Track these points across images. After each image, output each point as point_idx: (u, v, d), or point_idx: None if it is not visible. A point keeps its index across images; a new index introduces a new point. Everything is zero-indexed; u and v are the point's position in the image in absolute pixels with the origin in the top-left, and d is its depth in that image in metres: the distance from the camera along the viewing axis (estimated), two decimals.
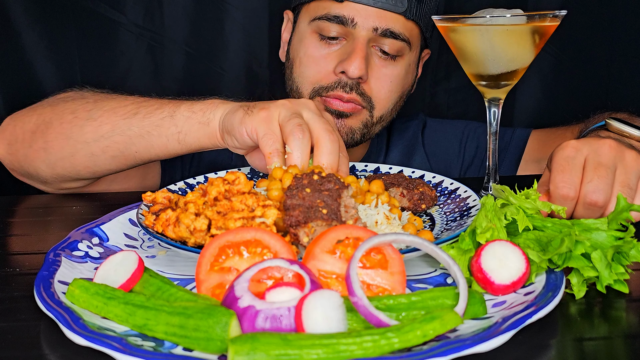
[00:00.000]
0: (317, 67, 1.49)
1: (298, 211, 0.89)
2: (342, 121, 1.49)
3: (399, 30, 1.45)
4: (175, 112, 1.22)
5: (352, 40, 1.46)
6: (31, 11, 1.79)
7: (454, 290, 0.79)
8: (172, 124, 1.22)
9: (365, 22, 1.44)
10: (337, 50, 1.48)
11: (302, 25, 1.54)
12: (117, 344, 0.70)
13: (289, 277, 0.78)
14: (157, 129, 1.23)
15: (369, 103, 1.49)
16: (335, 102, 1.47)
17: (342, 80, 1.46)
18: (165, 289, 0.83)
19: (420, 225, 1.06)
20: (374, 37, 1.45)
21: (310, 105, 1.10)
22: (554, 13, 1.08)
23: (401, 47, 1.48)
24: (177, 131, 1.22)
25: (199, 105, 1.21)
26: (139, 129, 1.25)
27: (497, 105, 1.17)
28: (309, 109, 1.09)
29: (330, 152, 1.03)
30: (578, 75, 1.96)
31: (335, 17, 1.45)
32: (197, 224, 0.91)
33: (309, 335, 0.69)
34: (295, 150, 1.03)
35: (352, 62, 1.42)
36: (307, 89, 1.51)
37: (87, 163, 1.32)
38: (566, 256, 0.87)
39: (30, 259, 1.03)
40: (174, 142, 1.23)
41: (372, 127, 1.53)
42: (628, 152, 1.03)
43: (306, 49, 1.51)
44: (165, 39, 1.89)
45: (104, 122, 1.28)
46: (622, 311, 0.84)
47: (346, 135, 1.50)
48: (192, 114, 1.20)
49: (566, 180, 1.01)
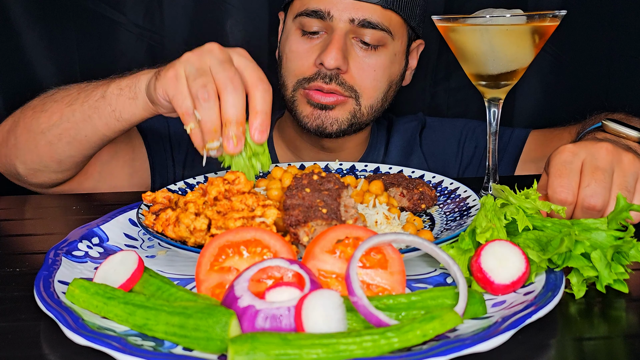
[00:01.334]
0: (299, 61, 1.53)
1: (298, 211, 0.89)
2: (326, 113, 1.52)
3: (376, 20, 1.48)
4: (106, 92, 1.26)
5: (331, 33, 1.49)
6: (31, 11, 1.79)
7: (453, 290, 0.79)
8: (106, 104, 1.26)
9: (341, 14, 1.47)
10: (318, 44, 1.51)
11: (288, 22, 1.58)
12: (117, 343, 0.70)
13: (288, 277, 0.78)
14: (96, 111, 1.28)
15: (352, 92, 1.51)
16: (317, 95, 1.50)
17: (321, 72, 1.49)
18: (165, 289, 0.83)
19: (420, 225, 1.06)
20: (353, 29, 1.48)
21: (214, 51, 1.05)
22: (554, 13, 1.08)
23: (381, 37, 1.50)
24: (111, 110, 1.25)
25: (126, 80, 1.24)
26: (81, 114, 1.30)
27: (497, 105, 1.17)
28: (212, 55, 1.04)
29: (232, 105, 0.99)
30: (578, 75, 1.96)
31: (314, 12, 1.48)
32: (197, 223, 0.91)
33: (308, 335, 0.69)
34: (203, 116, 0.99)
35: (329, 54, 1.45)
36: (292, 82, 1.55)
37: (49, 152, 1.37)
38: (566, 256, 0.87)
39: (30, 259, 1.03)
40: (114, 121, 1.27)
41: (361, 116, 1.55)
42: (625, 155, 1.03)
43: (290, 45, 1.55)
44: (165, 39, 1.89)
45: (54, 112, 1.34)
46: (622, 311, 0.84)
47: (331, 125, 1.53)
48: (120, 91, 1.23)
49: (564, 184, 1.01)
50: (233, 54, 1.05)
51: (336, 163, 1.34)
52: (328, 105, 1.51)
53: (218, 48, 1.05)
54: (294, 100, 1.55)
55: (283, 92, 1.59)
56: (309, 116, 1.53)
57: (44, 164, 1.39)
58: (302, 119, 1.54)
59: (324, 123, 1.52)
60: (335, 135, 1.55)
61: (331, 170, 1.32)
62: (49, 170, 1.40)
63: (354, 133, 1.60)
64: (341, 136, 1.57)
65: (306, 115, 1.53)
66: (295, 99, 1.55)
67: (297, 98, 1.54)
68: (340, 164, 1.34)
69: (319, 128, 1.53)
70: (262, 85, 1.02)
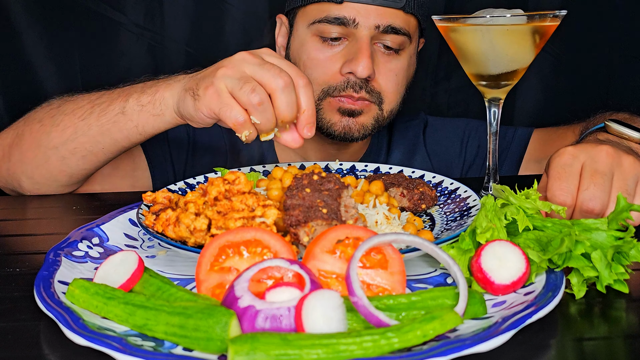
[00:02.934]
0: (323, 69, 1.50)
1: (298, 211, 0.89)
2: (354, 119, 1.51)
3: (399, 25, 1.47)
4: (125, 108, 1.25)
5: (355, 40, 1.46)
6: (31, 11, 1.79)
7: (454, 290, 0.79)
8: (127, 119, 1.25)
9: (366, 21, 1.45)
10: (341, 51, 1.49)
11: (301, 29, 1.55)
12: (117, 344, 0.70)
13: (289, 277, 0.78)
14: (115, 125, 1.27)
15: (377, 98, 1.51)
16: (347, 102, 1.49)
17: (350, 80, 1.47)
18: (165, 289, 0.83)
19: (420, 225, 1.06)
20: (376, 34, 1.47)
21: (247, 58, 1.08)
22: (554, 13, 1.08)
23: (403, 41, 1.50)
24: (133, 125, 1.25)
25: (146, 97, 1.23)
26: (98, 128, 1.28)
27: (497, 105, 1.17)
28: (247, 62, 1.07)
29: (287, 104, 1.04)
30: (578, 75, 1.96)
31: (336, 19, 1.45)
32: (197, 223, 0.91)
33: (308, 335, 0.69)
34: (261, 119, 1.04)
35: (360, 63, 1.43)
36: (316, 91, 1.51)
37: (61, 167, 1.35)
38: (566, 256, 0.87)
39: (30, 259, 1.03)
40: (136, 134, 1.27)
41: (382, 120, 1.56)
42: (625, 158, 1.03)
43: (309, 52, 1.52)
44: (165, 39, 1.89)
45: (67, 126, 1.31)
46: (622, 311, 0.83)
47: (358, 131, 1.52)
48: (141, 107, 1.23)
49: (563, 187, 1.01)
50: (263, 55, 1.09)
51: (336, 163, 1.34)
52: (357, 111, 1.50)
53: (248, 54, 1.08)
54: (320, 109, 1.52)
55: None
56: (336, 123, 1.52)
57: (53, 178, 1.37)
58: (329, 126, 1.53)
59: (352, 129, 1.52)
60: (359, 140, 1.55)
61: (331, 171, 1.32)
62: (57, 184, 1.39)
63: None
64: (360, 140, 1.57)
65: (334, 123, 1.52)
66: (321, 108, 1.52)
67: (323, 107, 1.52)
68: (341, 164, 1.34)
69: (346, 134, 1.52)
70: (302, 80, 1.06)
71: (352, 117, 1.51)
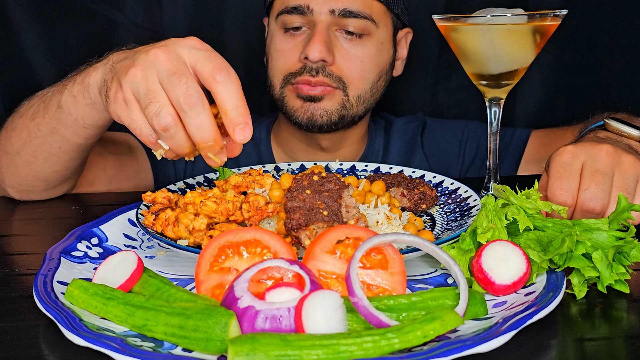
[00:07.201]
0: (285, 59, 1.54)
1: (299, 214, 0.89)
2: (315, 105, 1.52)
3: (357, 9, 1.49)
4: (61, 101, 1.15)
5: (313, 27, 1.50)
6: (31, 11, 1.79)
7: (454, 291, 0.79)
8: (67, 113, 1.15)
9: (321, 7, 1.48)
10: (301, 40, 1.52)
11: (272, 24, 1.60)
12: (116, 344, 0.70)
13: (288, 278, 0.78)
14: (59, 122, 1.18)
15: (340, 83, 1.52)
16: (305, 87, 1.51)
17: (307, 66, 1.50)
18: (164, 290, 0.83)
19: (420, 225, 1.06)
20: (335, 20, 1.49)
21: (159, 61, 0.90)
22: (555, 12, 1.08)
23: (365, 25, 1.51)
24: (73, 119, 1.16)
25: (77, 86, 1.11)
26: (46, 127, 1.20)
27: (498, 105, 1.17)
28: (158, 66, 0.90)
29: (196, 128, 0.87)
30: (578, 75, 1.96)
31: (294, 8, 1.50)
32: (196, 223, 0.90)
33: (308, 335, 0.69)
34: (171, 145, 0.90)
35: (312, 47, 1.46)
36: (279, 80, 1.56)
37: (31, 172, 1.29)
38: (567, 256, 0.86)
39: (30, 259, 1.03)
40: (81, 128, 1.17)
41: (351, 107, 1.55)
42: (625, 157, 1.03)
43: (275, 44, 1.56)
44: (164, 38, 1.88)
45: (22, 129, 1.25)
46: (623, 311, 0.83)
47: (321, 117, 1.53)
48: (74, 98, 1.12)
49: (563, 187, 1.01)
50: (182, 49, 0.92)
51: (336, 163, 1.33)
52: (316, 97, 1.51)
53: (163, 52, 0.91)
54: (283, 97, 1.56)
55: (272, 91, 1.59)
56: (299, 110, 1.53)
57: (30, 185, 1.32)
58: (292, 113, 1.55)
59: (314, 115, 1.53)
60: (326, 128, 1.55)
61: (331, 171, 1.32)
62: (38, 190, 1.33)
63: (347, 127, 1.61)
64: (333, 129, 1.57)
65: (297, 109, 1.54)
66: (285, 96, 1.55)
67: (286, 94, 1.55)
68: (341, 164, 1.33)
69: (310, 121, 1.53)
70: (220, 76, 0.88)
71: (313, 102, 1.52)
